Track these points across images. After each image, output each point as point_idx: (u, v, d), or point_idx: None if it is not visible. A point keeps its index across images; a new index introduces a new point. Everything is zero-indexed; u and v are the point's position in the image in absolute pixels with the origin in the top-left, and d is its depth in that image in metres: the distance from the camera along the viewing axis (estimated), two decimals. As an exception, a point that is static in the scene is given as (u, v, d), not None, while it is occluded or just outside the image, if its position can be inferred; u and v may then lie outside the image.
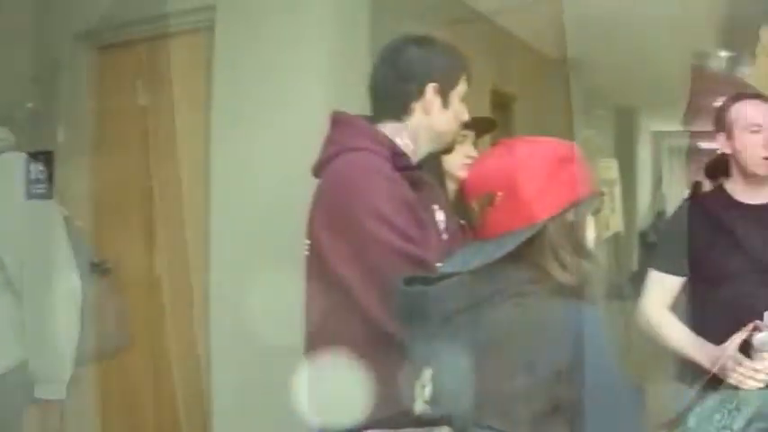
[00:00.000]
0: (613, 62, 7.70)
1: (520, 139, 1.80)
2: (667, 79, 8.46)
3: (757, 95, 2.67)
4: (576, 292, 1.62)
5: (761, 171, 2.58)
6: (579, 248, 1.69)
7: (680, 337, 2.59)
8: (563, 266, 1.63)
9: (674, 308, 2.72)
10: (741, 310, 2.43)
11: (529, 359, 1.53)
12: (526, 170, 1.66)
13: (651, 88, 9.43)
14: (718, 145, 2.67)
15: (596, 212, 1.78)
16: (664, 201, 13.27)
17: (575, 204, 1.69)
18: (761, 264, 2.53)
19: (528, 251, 1.63)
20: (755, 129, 2.57)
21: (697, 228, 2.63)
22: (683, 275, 2.65)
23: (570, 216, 1.68)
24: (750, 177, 2.63)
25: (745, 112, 2.60)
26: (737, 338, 2.32)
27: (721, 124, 2.65)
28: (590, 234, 1.75)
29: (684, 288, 2.69)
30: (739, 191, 2.67)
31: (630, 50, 7.10)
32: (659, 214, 13.20)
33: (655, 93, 9.83)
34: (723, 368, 2.34)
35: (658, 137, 17.59)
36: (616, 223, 8.52)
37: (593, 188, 1.81)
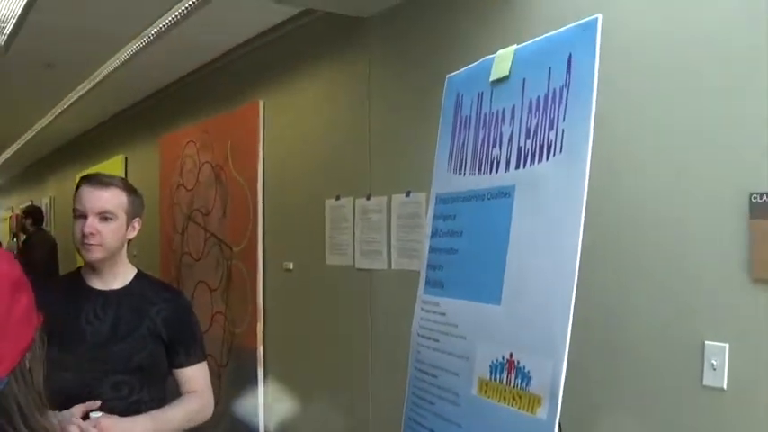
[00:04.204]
0: None
1: None
2: None
3: (93, 177, 2.62)
4: None
5: (85, 256, 2.58)
6: (41, 403, 1.29)
7: None
8: None
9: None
10: (81, 400, 2.44)
11: None
12: None
13: None
14: None
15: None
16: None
17: (32, 346, 1.29)
18: (98, 354, 2.55)
19: None
20: (78, 213, 2.57)
21: (49, 313, 2.48)
22: None
23: (29, 362, 1.28)
24: (89, 262, 2.62)
25: (77, 196, 2.59)
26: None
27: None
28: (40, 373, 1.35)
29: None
30: (89, 275, 2.67)
31: None
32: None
33: None
34: None
35: None
36: None
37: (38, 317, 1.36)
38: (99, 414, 2.38)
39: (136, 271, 2.74)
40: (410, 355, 2.72)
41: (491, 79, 2.47)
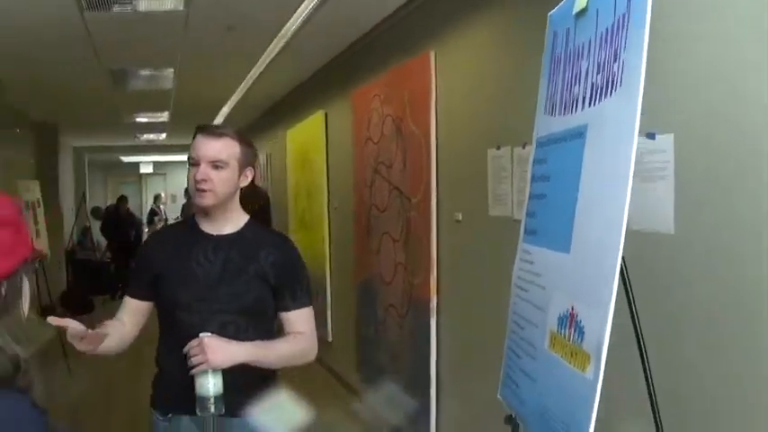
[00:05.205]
0: (31, 79, 7.81)
1: None
2: (85, 96, 9.04)
3: (207, 127, 2.73)
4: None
5: (197, 201, 2.69)
6: (11, 322, 1.46)
7: None
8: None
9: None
10: (191, 338, 2.56)
11: None
12: None
13: (68, 105, 9.95)
14: None
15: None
16: (87, 217, 14.22)
17: (11, 276, 1.47)
18: (208, 294, 2.68)
19: None
20: (193, 161, 2.67)
21: (163, 255, 2.76)
22: (145, 300, 2.79)
23: (4, 289, 1.45)
24: (201, 207, 2.73)
25: (193, 144, 2.70)
26: None
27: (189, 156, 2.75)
28: (26, 302, 1.53)
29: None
30: (203, 221, 2.78)
31: (49, 68, 7.24)
32: (84, 231, 14.24)
33: (72, 109, 10.41)
34: None
35: (80, 152, 18.37)
36: (42, 247, 8.63)
37: (34, 246, 1.57)
38: (208, 334, 2.56)
39: (247, 218, 2.84)
40: (509, 308, 2.61)
41: (573, 12, 2.29)
